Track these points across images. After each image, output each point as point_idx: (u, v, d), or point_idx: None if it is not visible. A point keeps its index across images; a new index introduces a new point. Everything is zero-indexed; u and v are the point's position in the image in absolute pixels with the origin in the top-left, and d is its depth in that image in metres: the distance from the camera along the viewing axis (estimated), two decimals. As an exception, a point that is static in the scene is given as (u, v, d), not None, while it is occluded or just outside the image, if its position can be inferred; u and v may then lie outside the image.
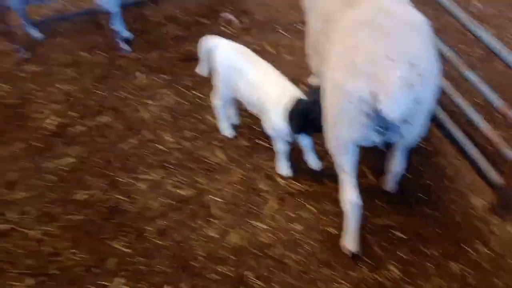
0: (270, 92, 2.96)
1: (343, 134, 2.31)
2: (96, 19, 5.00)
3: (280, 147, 3.12)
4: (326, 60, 2.39)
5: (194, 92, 3.95)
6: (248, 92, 3.09)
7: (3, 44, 4.62)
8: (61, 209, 3.11)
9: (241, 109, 3.61)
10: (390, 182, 3.02)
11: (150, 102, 3.90)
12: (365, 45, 2.10)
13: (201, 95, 3.93)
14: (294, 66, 4.21)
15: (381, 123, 2.14)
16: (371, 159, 3.26)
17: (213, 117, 3.71)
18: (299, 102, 2.82)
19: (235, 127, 3.62)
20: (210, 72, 3.39)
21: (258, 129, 3.60)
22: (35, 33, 4.76)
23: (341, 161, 2.49)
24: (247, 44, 4.38)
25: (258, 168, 3.31)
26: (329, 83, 2.31)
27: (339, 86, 2.16)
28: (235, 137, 3.57)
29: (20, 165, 3.43)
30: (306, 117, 2.72)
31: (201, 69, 3.41)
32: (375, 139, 2.28)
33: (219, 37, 3.37)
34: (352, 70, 2.08)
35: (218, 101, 3.39)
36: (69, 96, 3.99)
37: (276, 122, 2.93)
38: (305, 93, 3.02)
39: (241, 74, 3.08)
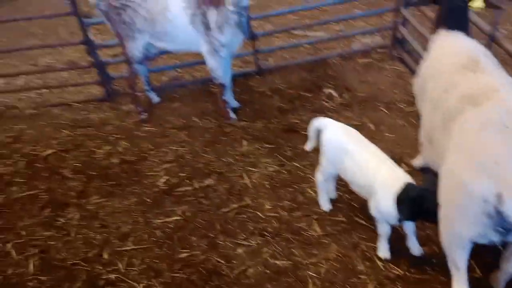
0: (379, 175, 2.98)
1: (461, 232, 2.26)
2: (208, 88, 5.50)
3: (383, 229, 3.09)
4: (444, 154, 2.40)
5: (295, 163, 4.09)
6: (355, 173, 3.13)
7: (128, 106, 5.23)
8: (165, 266, 3.31)
9: (339, 184, 3.67)
10: (501, 282, 2.82)
11: (252, 169, 4.10)
12: (491, 146, 2.10)
13: (301, 167, 4.05)
14: (395, 144, 4.21)
15: (503, 224, 2.08)
16: (480, 252, 3.08)
17: (312, 189, 3.80)
18: (410, 188, 2.80)
19: (332, 202, 3.66)
20: (314, 148, 3.53)
21: (357, 205, 3.61)
22: (154, 97, 5.32)
23: (455, 257, 2.41)
24: (347, 120, 4.54)
25: (356, 247, 3.28)
26: (449, 179, 2.30)
27: (461, 184, 2.15)
28: (333, 211, 3.60)
29: (133, 218, 3.75)
30: (418, 205, 2.69)
31: (308, 146, 3.55)
32: (494, 238, 2.20)
33: (329, 118, 3.48)
34: (477, 170, 2.08)
35: (321, 176, 3.48)
36: (180, 157, 4.34)
37: (383, 205, 2.93)
38: (411, 175, 3.01)
39: (349, 155, 3.15)
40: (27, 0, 9.87)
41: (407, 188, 2.81)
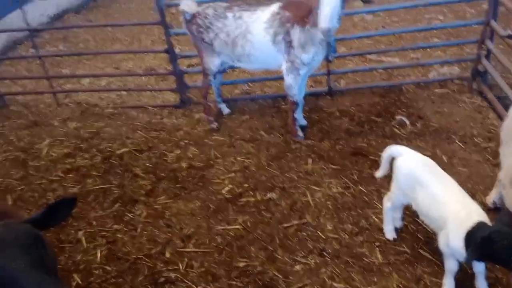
0: (453, 210, 2.84)
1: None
2: (277, 104, 5.59)
3: (450, 265, 2.95)
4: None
5: (360, 187, 4.04)
6: (427, 205, 3.02)
7: (199, 114, 5.43)
8: (223, 272, 3.37)
9: (406, 213, 3.57)
10: None
11: (316, 188, 4.10)
12: None
13: (367, 192, 3.99)
14: (468, 180, 4.04)
15: None
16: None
17: (376, 216, 3.72)
18: (483, 227, 2.64)
19: (397, 231, 3.56)
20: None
21: (422, 237, 3.49)
22: (225, 109, 5.49)
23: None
24: (418, 149, 4.38)
25: (419, 280, 3.17)
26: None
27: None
28: (397, 241, 3.50)
29: (196, 221, 3.86)
30: (487, 246, 2.52)
31: (379, 173, 3.51)
32: None
33: (404, 146, 3.40)
34: None
35: (389, 204, 3.40)
36: (245, 168, 4.43)
37: (454, 241, 2.79)
38: (486, 212, 2.88)
39: (423, 186, 3.04)
40: (118, 8, 10.61)
41: (479, 227, 2.66)
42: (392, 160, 3.35)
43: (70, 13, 10.46)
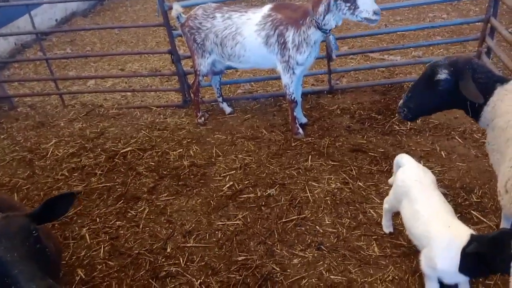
0: (438, 231, 2.75)
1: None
2: (278, 102, 5.65)
3: (432, 287, 2.87)
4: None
5: (359, 183, 4.08)
6: (411, 221, 2.98)
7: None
8: (223, 266, 3.43)
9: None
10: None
11: (315, 184, 4.15)
12: None
13: (365, 187, 4.03)
14: (467, 174, 4.06)
15: None
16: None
17: (374, 210, 3.76)
18: (480, 237, 2.55)
19: (395, 225, 3.60)
20: (381, 171, 3.50)
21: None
22: (227, 108, 5.57)
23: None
24: (417, 145, 4.46)
25: (415, 273, 3.19)
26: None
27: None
28: (394, 235, 3.54)
29: (197, 217, 3.93)
30: (484, 257, 2.43)
31: (391, 180, 3.54)
32: None
33: (409, 157, 3.34)
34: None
35: (387, 206, 3.43)
36: (246, 166, 4.50)
37: (443, 264, 2.65)
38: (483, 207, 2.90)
39: (410, 201, 3.01)
40: (124, 11, 10.77)
41: (473, 239, 2.53)
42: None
43: (78, 16, 10.65)
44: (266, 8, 4.56)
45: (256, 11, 4.60)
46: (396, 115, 4.79)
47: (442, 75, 3.07)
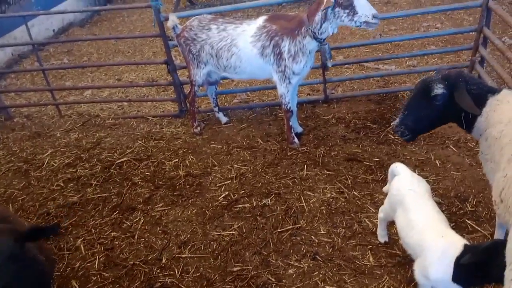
0: (431, 241, 2.77)
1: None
2: (274, 112, 5.67)
3: None
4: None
5: (354, 192, 4.08)
6: (405, 230, 2.99)
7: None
8: (218, 276, 3.43)
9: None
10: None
11: (310, 193, 4.15)
12: None
13: (360, 196, 4.04)
14: (461, 183, 4.08)
15: None
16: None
17: (369, 219, 3.77)
18: (473, 247, 2.59)
19: (390, 235, 3.60)
20: (376, 181, 3.51)
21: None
22: (223, 118, 5.58)
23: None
24: (412, 154, 4.48)
25: (410, 283, 3.19)
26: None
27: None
28: (390, 244, 3.54)
29: (192, 228, 3.93)
30: (478, 267, 2.46)
31: (385, 188, 3.55)
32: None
33: (404, 165, 3.36)
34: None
35: (382, 215, 3.44)
36: (241, 175, 4.50)
37: (436, 273, 2.67)
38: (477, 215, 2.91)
39: (404, 210, 3.03)
40: (121, 21, 10.83)
41: (466, 249, 2.58)
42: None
43: (75, 27, 10.69)
44: (261, 20, 4.60)
45: (251, 22, 4.65)
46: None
47: (439, 90, 3.09)
